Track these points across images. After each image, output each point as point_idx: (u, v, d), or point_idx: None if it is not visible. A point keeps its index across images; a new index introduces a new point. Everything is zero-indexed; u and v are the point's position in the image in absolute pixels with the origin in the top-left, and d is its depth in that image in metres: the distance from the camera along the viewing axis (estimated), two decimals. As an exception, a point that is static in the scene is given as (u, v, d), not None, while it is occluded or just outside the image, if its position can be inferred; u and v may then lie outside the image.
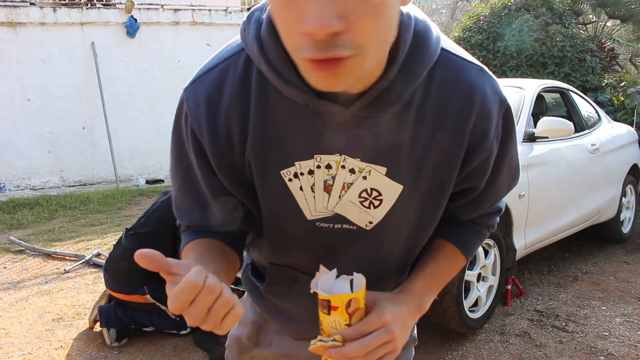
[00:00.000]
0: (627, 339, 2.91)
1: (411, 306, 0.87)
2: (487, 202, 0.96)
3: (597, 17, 8.85)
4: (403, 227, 0.91)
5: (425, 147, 0.81)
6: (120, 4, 8.13)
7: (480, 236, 1.01)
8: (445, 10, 21.74)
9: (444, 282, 0.97)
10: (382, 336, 0.78)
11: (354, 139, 0.79)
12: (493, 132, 0.83)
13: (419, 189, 0.86)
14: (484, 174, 0.88)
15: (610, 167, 4.21)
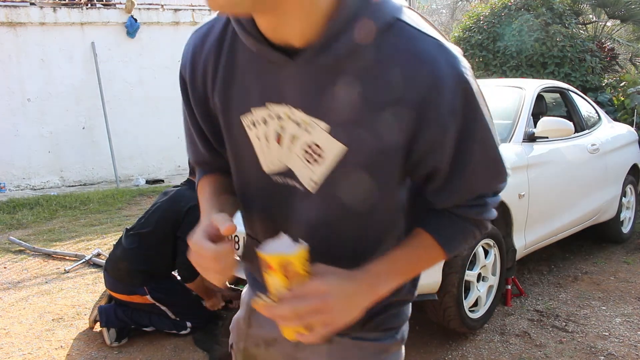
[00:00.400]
0: (627, 339, 2.91)
1: (361, 285, 0.86)
2: (461, 189, 0.91)
3: (597, 17, 8.85)
4: (350, 197, 0.89)
5: (369, 110, 0.81)
6: (120, 4, 8.13)
7: (463, 230, 0.95)
8: (445, 10, 21.75)
9: (411, 270, 0.94)
10: (314, 302, 0.80)
11: (299, 91, 0.84)
12: (445, 107, 0.80)
13: (362, 154, 0.84)
14: (442, 154, 0.85)
15: (610, 167, 4.21)
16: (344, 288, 0.84)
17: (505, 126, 3.46)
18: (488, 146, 0.89)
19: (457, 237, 0.96)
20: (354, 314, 0.85)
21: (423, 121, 0.81)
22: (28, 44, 7.53)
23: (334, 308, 0.82)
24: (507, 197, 3.08)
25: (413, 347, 2.84)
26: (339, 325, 0.84)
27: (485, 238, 2.92)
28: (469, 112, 0.83)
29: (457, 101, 0.81)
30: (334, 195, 0.89)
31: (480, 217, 0.96)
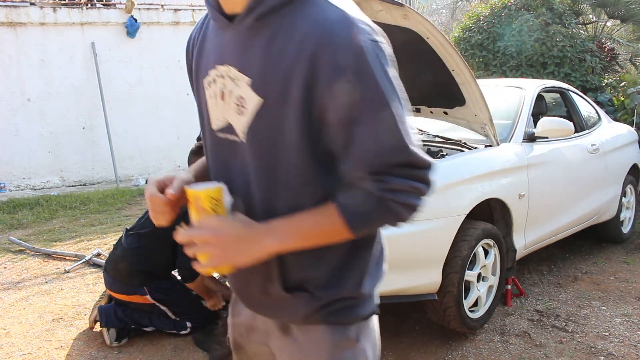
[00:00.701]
0: (627, 339, 2.91)
1: (252, 231, 0.98)
2: (358, 157, 0.94)
3: (597, 17, 8.84)
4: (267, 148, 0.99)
5: (276, 65, 0.94)
6: (120, 4, 8.12)
7: (366, 205, 0.96)
8: (445, 10, 21.74)
9: (308, 234, 0.98)
10: (204, 234, 0.96)
11: (233, 50, 1.00)
12: (333, 64, 0.89)
13: (274, 106, 0.96)
14: (337, 112, 0.91)
15: (610, 167, 4.21)
16: (236, 230, 0.97)
17: (505, 126, 3.46)
18: (382, 116, 0.92)
19: (359, 211, 0.97)
20: (244, 256, 0.97)
21: (315, 75, 0.91)
22: (28, 44, 7.53)
23: (222, 243, 0.96)
24: (507, 197, 3.08)
25: (413, 347, 2.84)
26: (227, 261, 0.97)
27: (486, 238, 2.92)
28: (360, 75, 0.90)
29: (347, 61, 0.89)
30: (257, 145, 1.00)
31: (385, 195, 0.95)
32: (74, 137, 7.90)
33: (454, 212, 2.75)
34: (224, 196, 1.00)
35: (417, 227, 2.62)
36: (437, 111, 3.46)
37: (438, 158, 3.19)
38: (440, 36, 2.83)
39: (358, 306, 1.14)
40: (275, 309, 1.11)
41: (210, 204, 0.98)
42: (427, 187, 0.98)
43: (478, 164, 3.06)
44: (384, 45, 0.94)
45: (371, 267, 1.14)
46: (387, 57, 0.94)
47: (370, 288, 1.15)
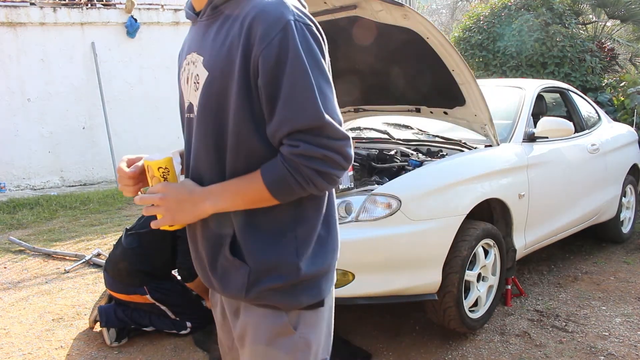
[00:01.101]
0: (627, 339, 2.91)
1: (192, 194, 1.15)
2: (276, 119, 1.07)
3: (597, 17, 8.84)
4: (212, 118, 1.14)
5: (222, 43, 1.12)
6: (120, 4, 8.12)
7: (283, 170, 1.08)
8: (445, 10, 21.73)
9: (236, 196, 1.12)
10: (151, 198, 1.16)
11: (198, 38, 1.21)
12: (263, 36, 1.05)
13: (217, 78, 1.11)
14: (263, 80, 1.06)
15: (610, 167, 4.21)
16: (178, 193, 1.15)
17: (505, 126, 3.46)
18: (300, 83, 1.05)
19: (277, 175, 1.09)
20: (186, 215, 1.15)
21: (250, 45, 1.06)
22: (28, 44, 7.53)
23: (166, 204, 1.14)
24: (507, 197, 3.08)
25: (413, 347, 2.84)
26: (172, 220, 1.15)
27: (486, 238, 2.92)
28: (284, 45, 1.05)
29: (274, 32, 1.05)
30: (204, 116, 1.15)
31: (297, 160, 1.06)
32: (74, 137, 7.90)
33: (453, 212, 2.75)
34: (174, 165, 1.18)
35: (417, 227, 2.62)
36: (437, 111, 3.46)
37: (438, 158, 3.19)
38: (440, 36, 2.83)
39: (296, 292, 1.17)
40: (223, 280, 1.21)
41: (159, 172, 1.17)
42: (342, 159, 1.08)
43: (478, 164, 3.06)
44: (311, 28, 1.09)
45: (311, 247, 1.18)
46: (314, 38, 1.08)
47: (310, 270, 1.18)
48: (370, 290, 2.59)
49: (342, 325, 3.07)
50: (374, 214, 2.59)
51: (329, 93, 1.09)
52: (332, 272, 1.26)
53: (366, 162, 3.20)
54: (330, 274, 1.25)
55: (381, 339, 2.95)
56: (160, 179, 1.17)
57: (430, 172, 2.87)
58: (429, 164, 2.99)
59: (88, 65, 7.87)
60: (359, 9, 2.84)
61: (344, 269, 2.53)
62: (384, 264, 2.60)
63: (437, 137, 3.55)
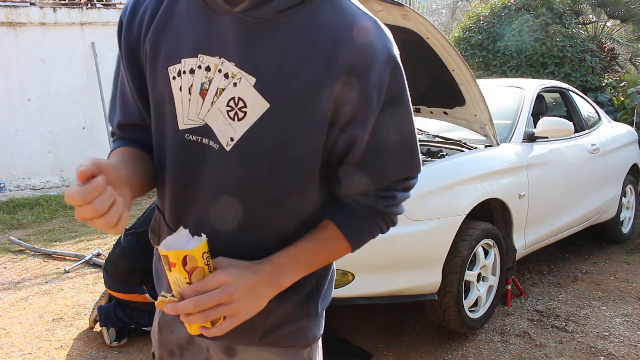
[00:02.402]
0: (627, 339, 2.91)
1: (264, 276, 0.86)
2: (373, 172, 0.90)
3: (597, 17, 8.84)
4: (265, 160, 0.87)
5: (297, 69, 0.82)
6: (120, 4, 8.13)
7: (369, 223, 0.94)
8: (445, 10, 21.73)
9: (315, 262, 0.93)
10: (217, 295, 0.80)
11: (233, 42, 0.83)
12: (374, 80, 0.82)
13: (285, 114, 0.83)
14: (363, 127, 0.85)
15: (610, 167, 4.21)
16: (246, 279, 0.84)
17: (505, 126, 3.46)
18: (406, 132, 0.89)
19: (363, 231, 0.95)
20: (258, 305, 0.87)
21: (349, 87, 0.82)
22: (28, 44, 7.53)
23: (236, 299, 0.82)
24: (507, 197, 3.08)
25: (413, 347, 2.84)
26: (243, 317, 0.84)
27: (486, 238, 2.92)
28: (395, 92, 0.85)
29: (386, 77, 0.83)
30: (249, 157, 0.86)
31: (389, 211, 0.95)
32: (74, 137, 7.90)
33: (453, 212, 2.75)
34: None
35: (417, 227, 2.62)
36: (437, 111, 3.46)
37: (438, 158, 3.19)
38: (440, 36, 2.83)
39: (312, 328, 1.04)
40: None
41: (203, 260, 0.83)
42: (410, 194, 0.98)
43: (478, 164, 3.06)
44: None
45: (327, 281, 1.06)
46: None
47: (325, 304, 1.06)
48: (370, 290, 2.59)
49: (342, 325, 3.08)
50: (374, 214, 2.58)
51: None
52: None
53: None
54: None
55: (381, 339, 2.95)
56: (207, 270, 0.83)
57: (430, 172, 2.87)
58: (428, 164, 2.99)
59: (88, 65, 7.87)
60: (358, 9, 2.84)
61: (344, 269, 2.53)
62: (383, 264, 2.60)
63: (437, 137, 3.55)
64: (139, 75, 0.94)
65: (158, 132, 0.94)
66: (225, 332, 0.84)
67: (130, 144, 0.99)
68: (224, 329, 0.84)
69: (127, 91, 0.98)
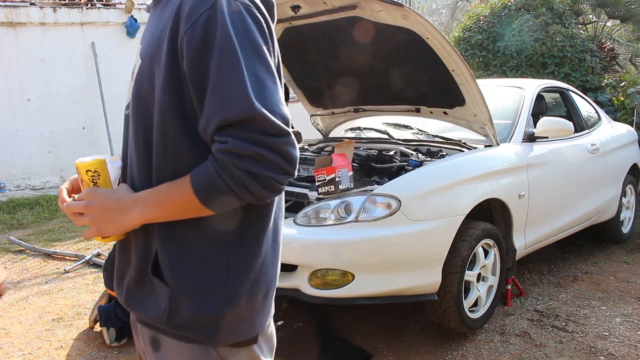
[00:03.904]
0: (627, 339, 2.91)
1: (120, 202, 1.01)
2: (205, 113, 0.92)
3: (597, 17, 8.84)
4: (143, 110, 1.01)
5: (156, 30, 1.03)
6: (120, 4, 8.12)
7: (212, 172, 0.92)
8: (445, 10, 21.73)
9: (166, 203, 0.97)
10: (77, 205, 1.03)
11: (145, 29, 1.13)
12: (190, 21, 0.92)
13: (148, 64, 1.00)
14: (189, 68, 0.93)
15: (610, 167, 4.21)
16: (106, 200, 1.02)
17: (505, 126, 3.46)
18: (227, 73, 0.90)
19: (204, 177, 0.93)
20: (112, 226, 1.02)
21: (177, 27, 0.95)
22: (28, 44, 7.52)
23: (92, 214, 1.02)
24: (507, 197, 3.08)
25: (413, 347, 2.84)
26: (99, 230, 1.03)
27: (486, 238, 2.92)
28: (212, 25, 0.91)
29: (202, 12, 0.92)
30: (135, 110, 1.03)
31: (225, 158, 0.90)
32: (74, 137, 7.89)
33: (453, 212, 2.75)
34: (110, 169, 1.04)
35: (417, 227, 2.62)
36: (437, 111, 3.46)
37: (438, 158, 3.19)
38: (440, 36, 2.83)
39: (223, 326, 1.01)
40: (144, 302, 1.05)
41: (88, 176, 1.03)
42: (281, 159, 0.91)
43: (478, 164, 3.06)
44: (251, 8, 0.95)
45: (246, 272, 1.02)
46: (254, 19, 0.95)
47: (240, 301, 1.01)
48: (370, 290, 2.59)
49: (342, 325, 3.08)
50: (374, 214, 2.59)
51: (268, 81, 0.92)
52: (269, 303, 1.09)
53: (366, 162, 3.20)
54: (267, 305, 1.08)
55: (381, 339, 2.95)
56: (90, 184, 1.03)
57: (430, 172, 2.87)
58: (428, 164, 2.98)
59: (88, 65, 7.87)
60: (358, 9, 2.84)
61: (344, 270, 2.53)
62: (383, 264, 2.60)
63: (437, 137, 3.55)
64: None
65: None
66: (89, 236, 1.06)
67: None
68: (90, 233, 1.05)
69: None
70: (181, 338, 1.02)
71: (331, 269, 2.53)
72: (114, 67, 8.04)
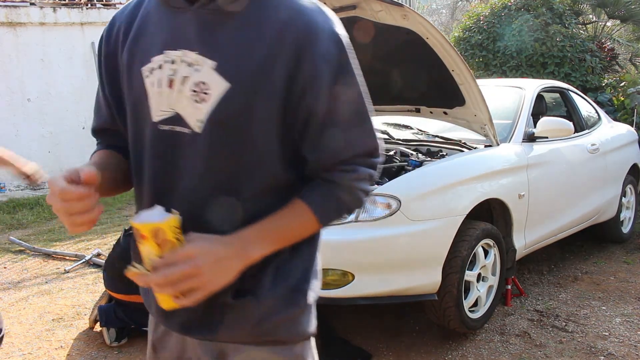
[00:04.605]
0: (627, 339, 2.91)
1: (231, 248, 0.90)
2: (329, 145, 0.94)
3: (597, 17, 8.84)
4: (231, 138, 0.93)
5: (251, 50, 0.91)
6: (120, 4, 8.13)
7: (335, 199, 0.97)
8: (445, 10, 21.73)
9: (285, 237, 0.96)
10: (184, 268, 0.84)
11: (194, 34, 0.93)
12: (320, 53, 0.90)
13: (244, 92, 0.90)
14: (315, 101, 0.91)
15: (610, 167, 4.21)
16: (214, 251, 0.88)
17: (505, 126, 3.46)
18: (357, 106, 0.96)
19: (330, 206, 0.98)
20: (226, 277, 0.90)
21: (298, 66, 0.89)
22: (28, 44, 7.52)
23: (204, 271, 0.86)
24: (507, 197, 3.08)
25: (413, 347, 2.84)
26: (211, 288, 0.88)
27: (486, 238, 2.92)
28: (341, 66, 0.92)
29: (332, 50, 0.91)
30: (218, 135, 0.93)
31: (354, 185, 0.98)
32: (74, 137, 7.89)
33: (453, 212, 2.75)
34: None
35: (417, 227, 2.62)
36: (437, 111, 3.46)
37: (438, 158, 3.19)
38: (440, 36, 2.83)
39: (303, 321, 1.03)
40: (217, 325, 0.99)
41: (174, 233, 0.87)
42: (376, 174, 1.01)
43: (478, 164, 3.06)
44: (348, 40, 0.97)
45: (314, 267, 1.06)
46: (352, 52, 0.96)
47: (315, 293, 1.06)
48: (370, 290, 2.59)
49: (342, 325, 3.08)
50: (374, 214, 2.59)
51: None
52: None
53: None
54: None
55: (381, 339, 2.95)
56: (176, 243, 0.87)
57: (430, 172, 2.87)
58: (428, 164, 2.98)
59: (88, 65, 7.87)
60: (358, 9, 2.84)
61: (344, 270, 2.53)
62: (383, 264, 2.60)
63: (437, 137, 3.55)
64: (115, 82, 1.05)
65: (136, 133, 1.01)
66: (195, 302, 0.88)
67: (107, 147, 1.11)
68: (193, 300, 0.87)
69: (100, 98, 1.09)
70: (264, 343, 1.00)
71: (331, 269, 2.53)
72: (114, 67, 8.05)
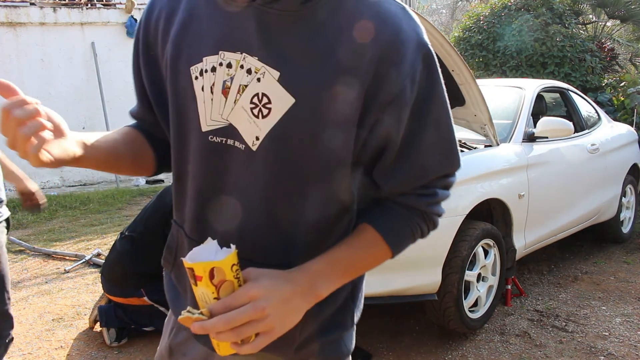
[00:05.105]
0: (627, 339, 2.91)
1: (299, 286, 0.78)
2: (411, 170, 0.84)
3: (597, 17, 8.85)
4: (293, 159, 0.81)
5: (323, 62, 0.77)
6: (120, 4, 8.13)
7: (410, 225, 0.88)
8: (445, 10, 21.74)
9: (355, 270, 0.87)
10: (248, 312, 0.72)
11: (256, 35, 0.79)
12: (405, 70, 0.77)
13: (312, 109, 0.77)
14: (397, 121, 0.80)
15: (610, 167, 4.21)
16: (279, 291, 0.76)
17: (505, 126, 3.46)
18: (443, 124, 0.84)
19: (404, 234, 0.89)
20: (294, 319, 0.79)
21: (381, 80, 0.77)
22: (28, 44, 7.53)
23: (270, 314, 0.74)
24: (507, 197, 3.08)
25: (413, 347, 2.84)
26: (277, 332, 0.76)
27: (486, 238, 2.92)
28: (429, 82, 0.80)
29: (418, 66, 0.78)
30: (278, 155, 0.81)
31: (429, 209, 0.88)
32: (74, 137, 7.90)
33: (453, 212, 2.75)
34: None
35: (417, 227, 2.62)
36: (437, 111, 3.46)
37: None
38: (440, 36, 2.83)
39: (347, 339, 0.98)
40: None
41: (233, 272, 0.75)
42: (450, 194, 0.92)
43: (478, 164, 3.06)
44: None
45: (360, 286, 1.00)
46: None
47: (357, 317, 0.99)
48: (370, 290, 2.58)
49: (342, 325, 3.07)
50: (374, 214, 2.58)
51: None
52: None
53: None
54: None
55: (381, 339, 2.95)
56: (235, 282, 0.75)
57: (430, 172, 2.87)
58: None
59: (88, 65, 7.87)
60: (358, 9, 2.84)
61: (344, 269, 2.53)
62: (383, 264, 2.59)
63: (437, 137, 3.54)
64: (155, 75, 0.93)
65: (180, 137, 0.89)
66: (259, 349, 0.76)
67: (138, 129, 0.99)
68: (258, 347, 0.75)
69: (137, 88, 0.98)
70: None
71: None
72: (114, 67, 8.05)
